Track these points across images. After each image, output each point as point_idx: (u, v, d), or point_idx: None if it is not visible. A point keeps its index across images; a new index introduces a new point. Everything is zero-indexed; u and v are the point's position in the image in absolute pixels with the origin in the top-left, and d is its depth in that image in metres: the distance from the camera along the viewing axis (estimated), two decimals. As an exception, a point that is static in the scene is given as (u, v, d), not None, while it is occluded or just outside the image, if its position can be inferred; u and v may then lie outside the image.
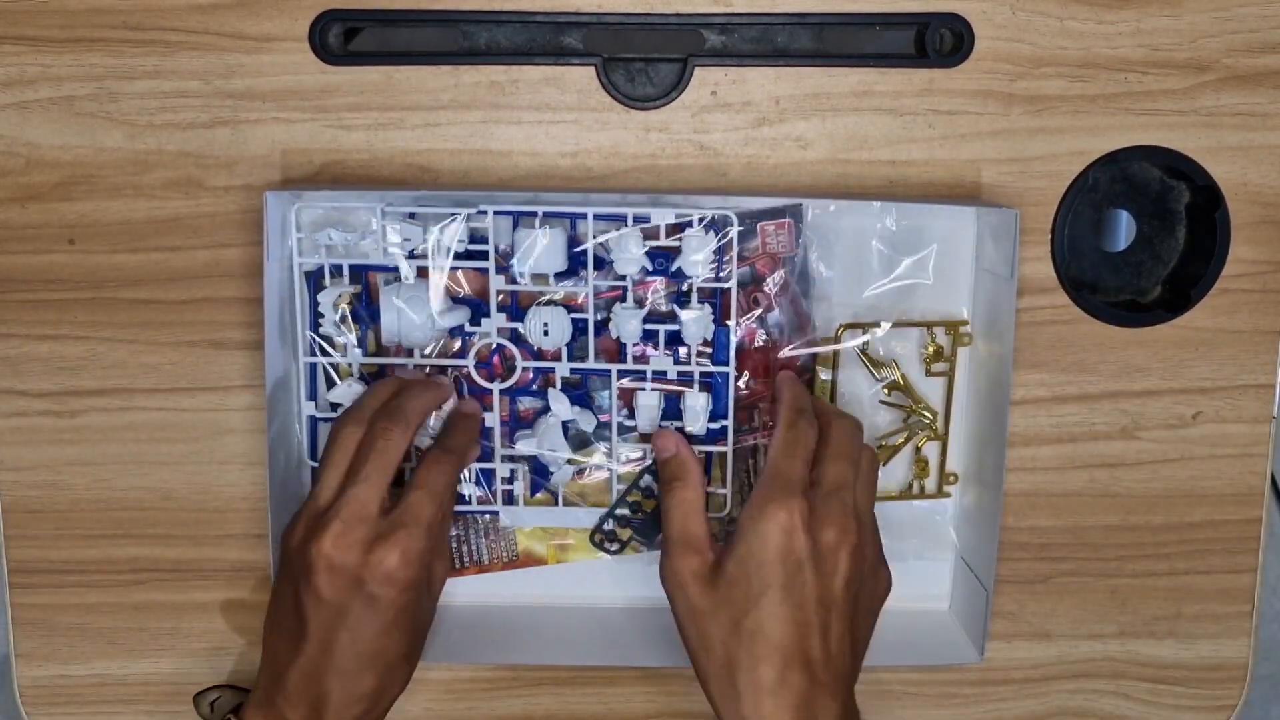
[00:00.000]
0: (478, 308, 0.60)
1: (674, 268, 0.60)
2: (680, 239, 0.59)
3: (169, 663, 0.65)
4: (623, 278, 0.60)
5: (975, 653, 0.62)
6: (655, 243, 0.59)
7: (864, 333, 0.62)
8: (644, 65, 0.61)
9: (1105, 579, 0.66)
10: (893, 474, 0.65)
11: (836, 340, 0.62)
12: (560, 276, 0.60)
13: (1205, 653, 0.67)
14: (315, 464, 0.61)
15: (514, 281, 0.60)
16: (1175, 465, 0.65)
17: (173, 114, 0.60)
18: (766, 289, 0.61)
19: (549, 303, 0.60)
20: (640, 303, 0.60)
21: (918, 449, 0.64)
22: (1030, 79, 0.61)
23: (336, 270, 0.60)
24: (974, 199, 0.62)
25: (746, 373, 0.61)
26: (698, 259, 0.59)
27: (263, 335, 0.58)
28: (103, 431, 0.63)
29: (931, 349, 0.63)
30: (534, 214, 0.58)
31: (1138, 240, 0.64)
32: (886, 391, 0.63)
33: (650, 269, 0.60)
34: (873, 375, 0.63)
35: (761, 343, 0.62)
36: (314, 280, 0.60)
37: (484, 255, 0.59)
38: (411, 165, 0.61)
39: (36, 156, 0.60)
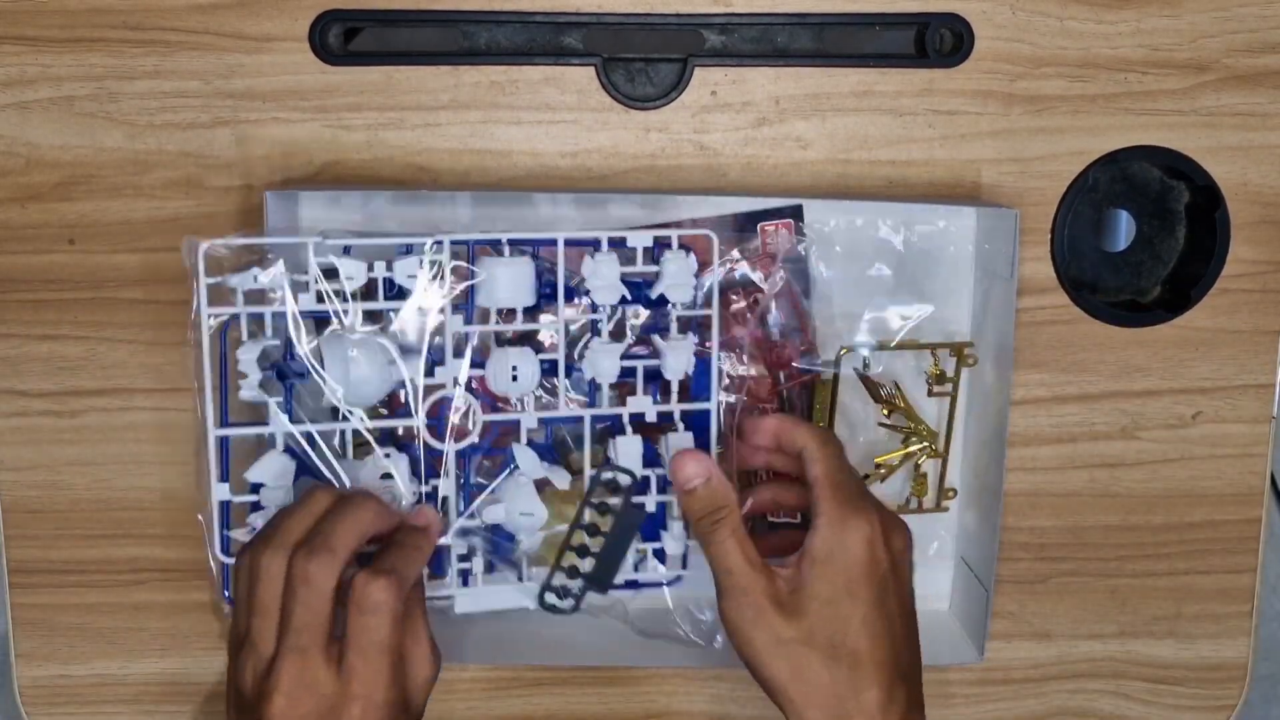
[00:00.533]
0: (432, 361, 0.54)
1: (655, 294, 0.56)
2: (659, 262, 0.55)
3: (169, 663, 0.65)
4: (596, 309, 0.55)
5: (975, 653, 0.62)
6: (633, 268, 0.55)
7: (865, 358, 0.62)
8: (644, 65, 0.61)
9: (1105, 579, 0.66)
10: (889, 488, 0.65)
11: (836, 363, 0.62)
12: (527, 313, 0.55)
13: (1205, 653, 0.67)
14: (224, 556, 0.54)
15: (472, 321, 0.54)
16: (1175, 465, 0.65)
17: (173, 114, 0.60)
18: (767, 289, 0.61)
19: (514, 343, 0.54)
20: (617, 336, 0.55)
21: (916, 466, 0.64)
22: (1030, 79, 0.61)
23: (257, 322, 0.52)
24: (974, 199, 0.62)
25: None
26: (680, 283, 0.55)
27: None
28: (103, 431, 0.63)
29: (935, 371, 0.62)
30: (496, 242, 0.54)
31: (1138, 240, 0.64)
32: (886, 413, 0.63)
33: (629, 297, 0.55)
34: (872, 398, 0.63)
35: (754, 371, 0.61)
36: (226, 334, 0.53)
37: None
38: (411, 165, 0.61)
39: (36, 156, 0.60)
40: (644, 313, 0.56)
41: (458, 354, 0.54)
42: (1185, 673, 0.67)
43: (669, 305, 0.56)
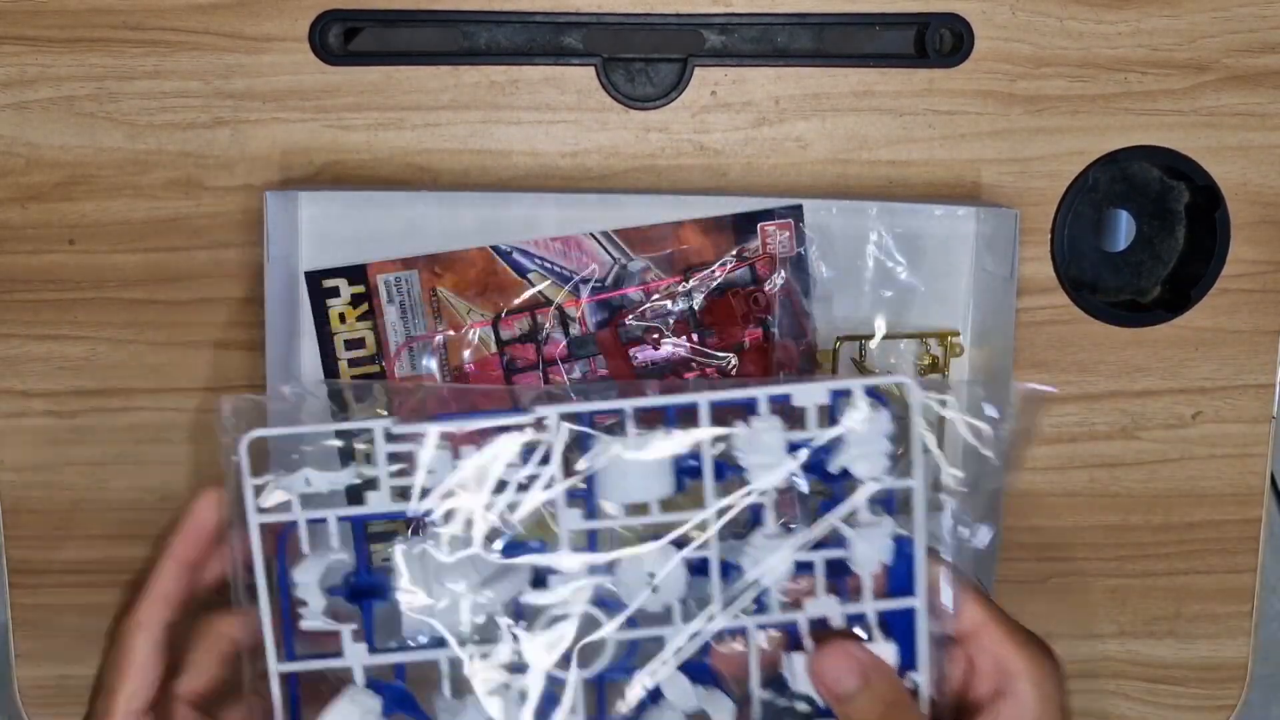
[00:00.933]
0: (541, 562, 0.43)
1: (834, 467, 0.43)
2: (838, 422, 0.43)
3: (169, 663, 0.65)
4: (758, 491, 0.43)
5: (975, 653, 0.62)
6: (801, 434, 0.43)
7: (860, 346, 0.62)
8: (644, 65, 0.61)
9: (1105, 579, 0.66)
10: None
11: (834, 353, 0.62)
12: (665, 502, 0.43)
13: (1205, 653, 0.67)
14: None
15: (594, 514, 0.43)
16: (1175, 465, 0.65)
17: (173, 114, 0.60)
18: (767, 289, 0.61)
19: (650, 539, 0.43)
20: (787, 525, 0.43)
21: None
22: (1030, 79, 0.61)
23: (318, 528, 0.43)
24: (974, 199, 0.62)
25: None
26: (870, 451, 0.43)
27: (263, 336, 0.58)
28: (103, 431, 0.63)
29: (927, 360, 0.63)
30: (619, 412, 0.43)
31: (1138, 240, 0.64)
32: None
33: (799, 472, 0.43)
34: None
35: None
36: (284, 545, 0.43)
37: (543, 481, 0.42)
38: (411, 165, 0.61)
39: (36, 156, 0.60)
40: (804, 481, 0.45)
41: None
42: (1185, 673, 0.67)
43: (855, 479, 0.43)
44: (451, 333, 0.61)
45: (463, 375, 0.61)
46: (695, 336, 0.61)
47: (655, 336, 0.61)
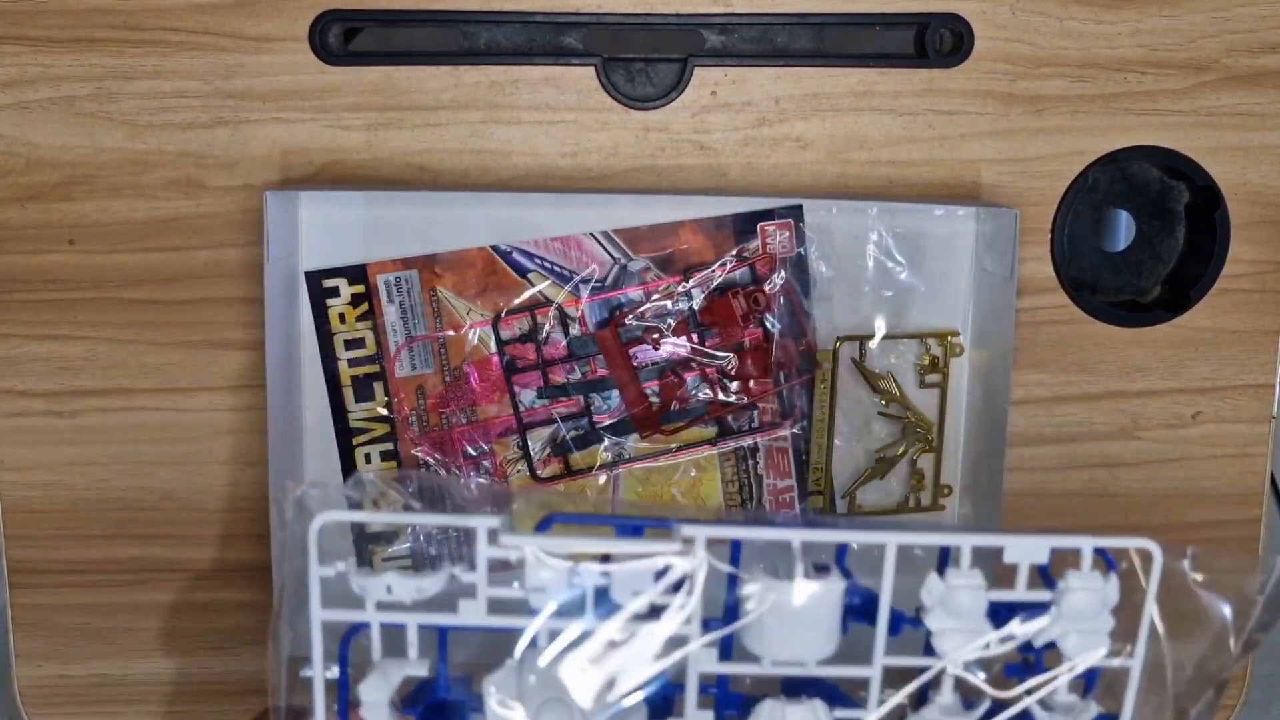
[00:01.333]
0: (662, 699, 0.37)
1: (1041, 640, 0.37)
2: (1052, 586, 0.36)
3: (169, 663, 0.65)
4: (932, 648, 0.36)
5: (976, 653, 0.62)
6: (1007, 595, 0.36)
7: (860, 346, 0.62)
8: (644, 65, 0.61)
9: (1105, 579, 0.66)
10: (889, 488, 0.65)
11: (834, 353, 0.62)
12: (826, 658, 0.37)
13: (1205, 653, 0.67)
14: None
15: (730, 655, 0.36)
16: (1175, 465, 0.65)
17: (173, 114, 0.60)
18: (767, 289, 0.61)
19: (796, 692, 0.37)
20: (967, 696, 0.37)
21: (914, 462, 0.64)
22: (1030, 79, 0.61)
23: (391, 637, 0.37)
24: (974, 199, 0.62)
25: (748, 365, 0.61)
26: (1089, 628, 0.36)
27: (263, 336, 0.58)
28: (103, 431, 0.63)
29: (927, 360, 0.63)
30: (785, 549, 0.35)
31: (1138, 240, 0.64)
32: (884, 403, 0.63)
33: (993, 639, 0.36)
34: (870, 387, 0.63)
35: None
36: (347, 645, 0.37)
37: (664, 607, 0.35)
38: (411, 165, 0.61)
39: (36, 156, 0.60)
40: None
41: (704, 703, 0.37)
42: (1185, 673, 0.67)
43: (1056, 651, 0.37)
44: (451, 333, 0.61)
45: (462, 375, 0.62)
46: (695, 336, 0.61)
47: (655, 336, 0.61)
